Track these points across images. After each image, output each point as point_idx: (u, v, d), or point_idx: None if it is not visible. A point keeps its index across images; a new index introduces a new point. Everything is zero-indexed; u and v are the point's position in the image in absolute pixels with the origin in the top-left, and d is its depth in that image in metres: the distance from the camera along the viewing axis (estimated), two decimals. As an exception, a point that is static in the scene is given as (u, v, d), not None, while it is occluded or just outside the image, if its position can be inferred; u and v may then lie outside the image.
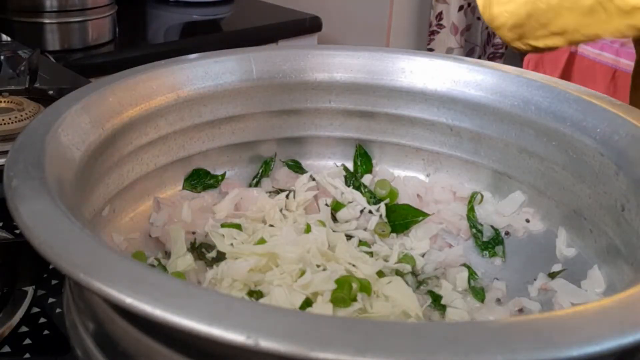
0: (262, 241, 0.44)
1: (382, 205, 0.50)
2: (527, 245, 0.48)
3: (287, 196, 0.50)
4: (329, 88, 0.53)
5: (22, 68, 0.79)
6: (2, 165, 0.33)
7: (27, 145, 0.35)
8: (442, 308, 0.43)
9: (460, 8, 1.64)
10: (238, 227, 0.46)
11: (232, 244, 0.44)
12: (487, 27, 1.74)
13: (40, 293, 0.44)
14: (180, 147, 0.49)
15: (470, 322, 0.25)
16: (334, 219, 0.50)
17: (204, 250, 0.45)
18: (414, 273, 0.46)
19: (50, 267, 0.44)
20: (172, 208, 0.48)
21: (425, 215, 0.50)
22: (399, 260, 0.46)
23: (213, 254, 0.45)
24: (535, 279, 0.44)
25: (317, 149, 0.55)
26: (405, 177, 0.54)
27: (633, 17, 0.54)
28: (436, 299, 0.43)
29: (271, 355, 0.22)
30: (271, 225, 0.47)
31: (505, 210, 0.49)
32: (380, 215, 0.50)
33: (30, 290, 0.43)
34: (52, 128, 0.37)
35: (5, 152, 0.54)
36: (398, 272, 0.45)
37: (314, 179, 0.52)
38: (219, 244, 0.44)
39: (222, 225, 0.47)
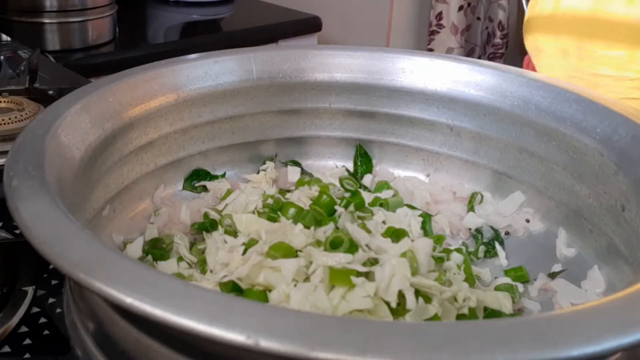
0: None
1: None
2: (527, 245, 0.48)
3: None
4: (328, 88, 0.53)
5: (22, 68, 0.79)
6: (2, 165, 0.33)
7: (27, 145, 0.35)
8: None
9: (460, 8, 1.64)
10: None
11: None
12: (487, 27, 1.74)
13: (40, 293, 0.44)
14: (180, 147, 0.49)
15: (470, 322, 0.25)
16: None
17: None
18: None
19: (50, 267, 0.45)
20: (172, 208, 0.48)
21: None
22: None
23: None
24: (535, 279, 0.44)
25: (317, 149, 0.55)
26: (405, 177, 0.54)
27: None
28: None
29: (271, 355, 0.22)
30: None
31: (505, 210, 0.49)
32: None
33: (30, 290, 0.43)
34: (52, 128, 0.37)
35: (5, 152, 0.54)
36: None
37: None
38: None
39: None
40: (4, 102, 0.66)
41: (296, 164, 0.55)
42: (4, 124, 0.61)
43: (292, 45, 1.02)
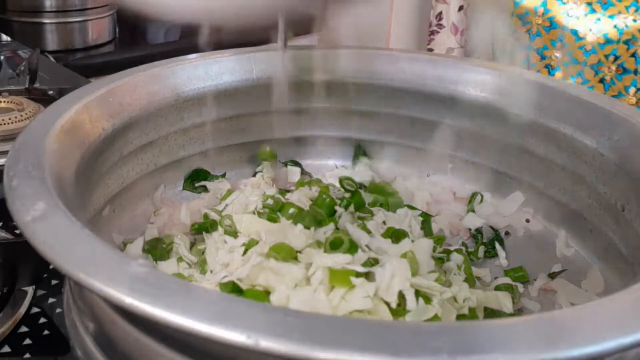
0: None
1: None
2: (527, 245, 0.48)
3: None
4: (329, 88, 0.53)
5: (22, 68, 0.79)
6: (2, 165, 0.33)
7: (27, 145, 0.35)
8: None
9: (460, 8, 1.64)
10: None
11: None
12: (487, 27, 1.74)
13: (40, 293, 0.44)
14: (180, 147, 0.49)
15: (470, 322, 0.25)
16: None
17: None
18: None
19: (50, 267, 0.44)
20: (172, 208, 0.48)
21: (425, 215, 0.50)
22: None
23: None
24: (535, 279, 0.44)
25: (317, 149, 0.55)
26: (405, 177, 0.54)
27: None
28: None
29: (271, 355, 0.22)
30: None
31: (505, 210, 0.49)
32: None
33: (30, 290, 0.43)
34: (52, 128, 0.37)
35: (5, 152, 0.54)
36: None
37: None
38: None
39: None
40: (4, 102, 0.66)
41: (296, 164, 0.55)
42: (4, 124, 0.61)
43: (293, 46, 1.02)
